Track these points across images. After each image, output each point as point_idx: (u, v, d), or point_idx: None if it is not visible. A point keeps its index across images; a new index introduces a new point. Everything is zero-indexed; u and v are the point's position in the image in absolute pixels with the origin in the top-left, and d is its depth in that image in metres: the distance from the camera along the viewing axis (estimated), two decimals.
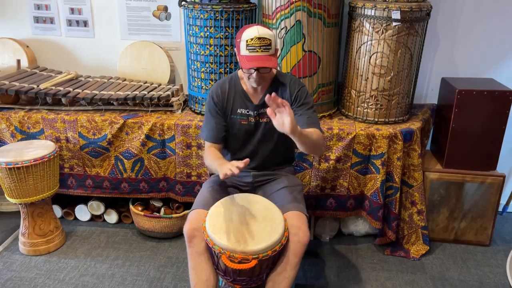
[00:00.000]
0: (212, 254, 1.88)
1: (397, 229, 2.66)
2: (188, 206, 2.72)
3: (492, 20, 2.77)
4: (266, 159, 2.16)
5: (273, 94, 1.68)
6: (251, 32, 1.87)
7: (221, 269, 1.86)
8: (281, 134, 2.09)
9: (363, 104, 2.61)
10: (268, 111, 1.73)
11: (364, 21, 2.45)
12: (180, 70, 3.09)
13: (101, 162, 2.71)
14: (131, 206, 2.78)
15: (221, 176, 1.80)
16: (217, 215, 1.89)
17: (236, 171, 1.75)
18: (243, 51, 1.89)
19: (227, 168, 1.78)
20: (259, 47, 1.86)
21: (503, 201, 3.03)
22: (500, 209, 3.07)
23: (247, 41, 1.87)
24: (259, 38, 1.86)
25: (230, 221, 1.86)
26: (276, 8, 2.46)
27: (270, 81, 2.06)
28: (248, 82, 2.01)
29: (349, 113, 2.70)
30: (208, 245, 1.82)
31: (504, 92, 2.48)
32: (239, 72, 2.11)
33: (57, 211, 2.93)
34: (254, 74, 1.92)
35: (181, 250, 2.67)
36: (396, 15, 2.35)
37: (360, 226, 2.80)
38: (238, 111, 2.08)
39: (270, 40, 1.88)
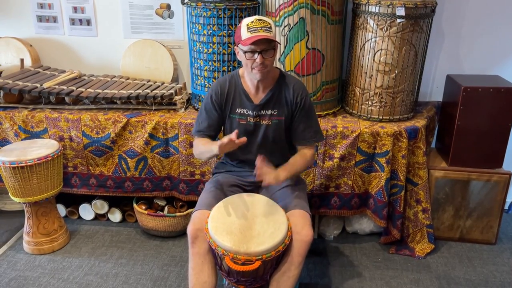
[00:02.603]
0: (215, 255, 1.86)
1: (402, 228, 2.64)
2: (191, 204, 2.71)
3: (497, 16, 2.74)
4: (268, 159, 2.13)
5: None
6: (251, 17, 1.88)
7: (224, 270, 1.85)
8: (283, 135, 2.09)
9: (367, 102, 2.59)
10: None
11: (368, 18, 2.43)
12: (183, 68, 3.08)
13: (105, 161, 2.71)
14: (134, 205, 2.78)
15: (218, 149, 1.83)
16: (220, 216, 1.87)
17: (229, 139, 1.80)
18: (245, 34, 1.84)
19: (222, 140, 1.82)
20: (260, 28, 1.83)
21: (509, 199, 3.00)
22: (506, 207, 3.05)
23: (247, 24, 1.85)
24: (259, 20, 1.85)
25: (233, 222, 1.85)
26: (279, 6, 2.45)
27: (273, 81, 2.03)
28: (251, 75, 1.95)
29: (353, 111, 2.68)
30: (211, 246, 1.81)
31: (510, 89, 2.45)
32: (240, 70, 2.08)
33: (61, 210, 2.93)
34: (258, 59, 1.85)
35: (185, 249, 2.66)
36: (401, 11, 2.33)
37: (364, 224, 2.79)
38: (237, 110, 2.06)
39: (270, 23, 1.87)
